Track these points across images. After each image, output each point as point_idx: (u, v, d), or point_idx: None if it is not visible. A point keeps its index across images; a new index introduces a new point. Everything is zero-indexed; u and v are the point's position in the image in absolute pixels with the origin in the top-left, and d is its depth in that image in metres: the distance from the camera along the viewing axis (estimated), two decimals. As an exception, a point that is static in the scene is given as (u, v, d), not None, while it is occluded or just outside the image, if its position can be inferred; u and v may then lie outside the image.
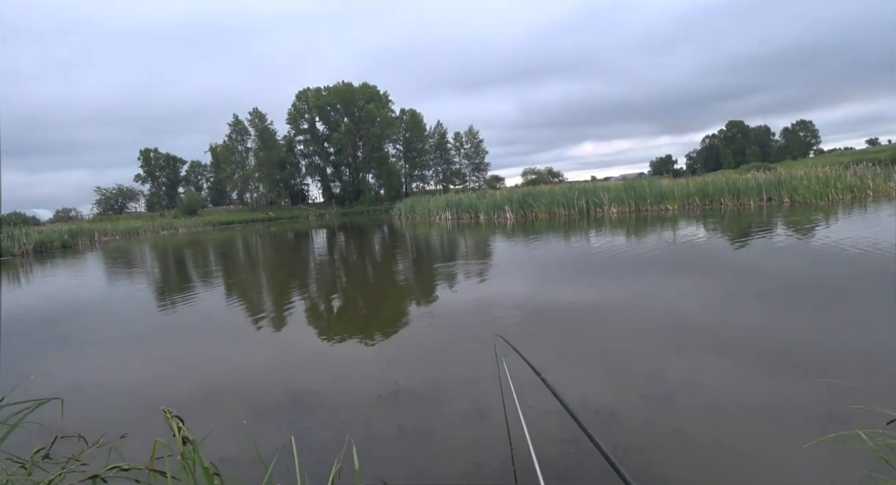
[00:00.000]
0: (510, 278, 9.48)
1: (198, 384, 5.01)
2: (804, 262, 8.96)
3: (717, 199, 24.14)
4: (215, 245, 26.73)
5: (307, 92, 72.81)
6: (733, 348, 4.85)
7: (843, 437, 1.99)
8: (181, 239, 35.27)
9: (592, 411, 3.70)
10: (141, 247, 29.30)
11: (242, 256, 19.76)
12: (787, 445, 3.02)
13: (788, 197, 22.82)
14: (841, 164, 30.44)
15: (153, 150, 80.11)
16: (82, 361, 6.22)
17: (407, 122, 78.06)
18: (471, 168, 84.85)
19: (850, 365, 4.22)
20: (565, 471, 2.98)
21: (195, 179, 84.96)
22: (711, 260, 9.99)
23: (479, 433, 3.49)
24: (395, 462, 3.23)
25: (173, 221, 52.79)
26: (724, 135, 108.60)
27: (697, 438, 3.24)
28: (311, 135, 74.84)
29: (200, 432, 2.87)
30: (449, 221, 30.42)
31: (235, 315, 8.17)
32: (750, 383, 4.02)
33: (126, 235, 42.76)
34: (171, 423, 1.79)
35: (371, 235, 26.04)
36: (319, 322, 7.33)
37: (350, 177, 76.77)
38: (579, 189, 28.06)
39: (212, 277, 13.65)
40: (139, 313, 9.05)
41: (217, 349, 6.34)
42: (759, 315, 5.90)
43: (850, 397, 3.28)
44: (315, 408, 4.13)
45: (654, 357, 4.76)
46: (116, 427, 3.12)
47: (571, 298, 7.40)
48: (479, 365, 4.64)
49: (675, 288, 7.69)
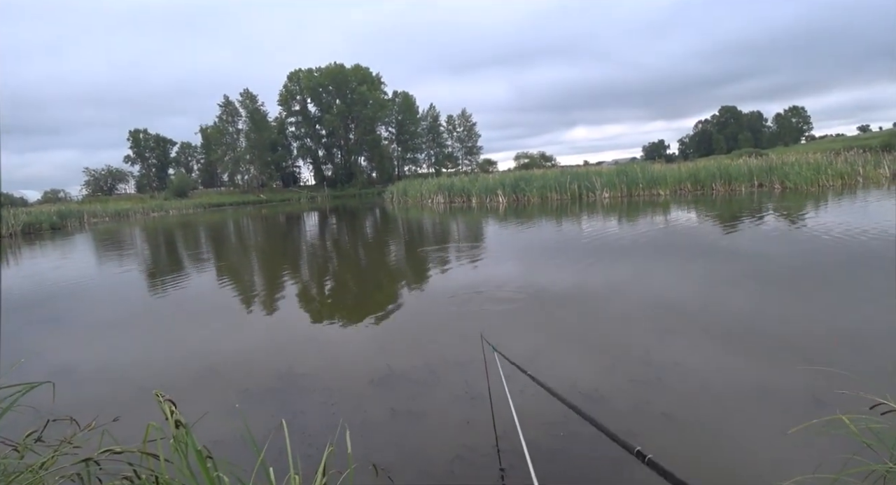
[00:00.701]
0: (501, 263, 9.51)
1: (190, 367, 5.01)
2: (792, 248, 9.03)
3: (709, 184, 24.22)
4: (206, 227, 26.59)
5: (299, 73, 71.97)
6: (722, 333, 4.91)
7: (828, 422, 2.03)
8: (172, 221, 35.04)
9: (582, 394, 3.74)
10: (131, 229, 29.10)
11: (234, 239, 19.68)
12: (773, 429, 3.07)
13: (779, 183, 22.93)
14: (832, 150, 30.59)
15: (143, 130, 79.14)
16: (74, 344, 6.21)
17: (399, 104, 77.40)
18: (463, 151, 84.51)
19: (836, 350, 4.28)
20: (554, 453, 3.02)
21: (185, 161, 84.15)
22: (701, 246, 10.05)
23: (469, 416, 3.53)
24: (387, 444, 3.26)
25: (163, 203, 52.41)
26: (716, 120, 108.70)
27: (686, 422, 3.29)
28: (303, 116, 74.13)
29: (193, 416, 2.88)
30: (441, 204, 30.38)
31: (228, 299, 8.16)
32: (738, 367, 4.07)
33: (116, 217, 42.42)
34: (163, 406, 1.79)
35: (363, 218, 25.98)
36: (312, 306, 7.33)
37: (342, 159, 76.31)
38: (572, 174, 28.04)
39: (203, 260, 13.60)
40: (131, 296, 9.02)
41: (209, 332, 6.33)
42: (748, 300, 5.96)
43: (835, 382, 3.34)
44: (308, 391, 4.15)
45: (643, 341, 4.80)
46: (109, 410, 3.12)
47: (562, 282, 7.44)
48: (470, 350, 4.66)
49: (665, 273, 7.74)
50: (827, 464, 2.11)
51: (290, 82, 72.65)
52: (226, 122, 70.80)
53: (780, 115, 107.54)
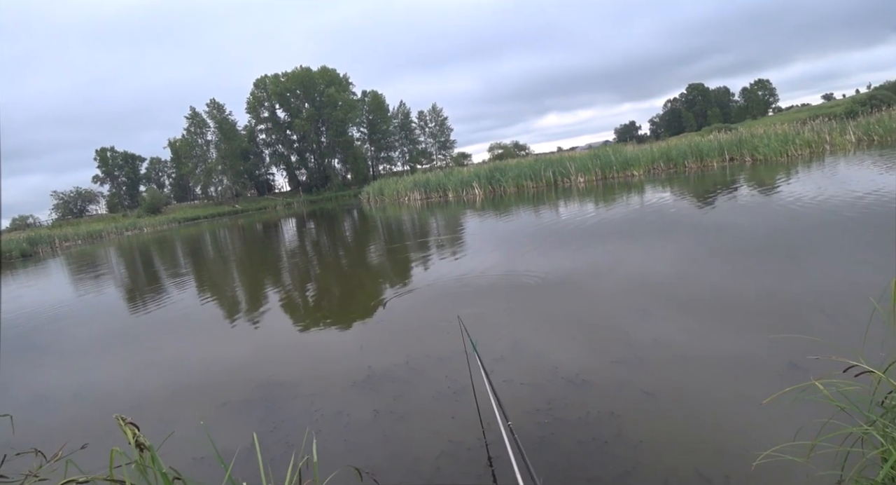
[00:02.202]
0: (479, 255, 9.49)
1: (167, 386, 4.91)
2: (764, 219, 9.15)
3: (681, 162, 24.43)
4: (182, 242, 26.21)
5: (265, 79, 71.01)
6: (699, 308, 4.95)
7: (802, 388, 2.03)
8: (147, 238, 34.49)
9: (565, 378, 3.74)
10: (105, 250, 28.57)
11: (210, 252, 19.42)
12: (752, 399, 3.08)
13: (750, 156, 23.21)
14: (799, 120, 31.11)
15: (110, 148, 77.49)
16: (40, 372, 6.06)
17: (369, 104, 76.81)
18: (437, 147, 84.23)
19: (809, 316, 4.33)
20: (540, 440, 3.00)
21: (156, 177, 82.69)
22: (675, 223, 10.14)
23: (454, 412, 3.50)
24: (372, 447, 3.23)
25: (137, 221, 51.47)
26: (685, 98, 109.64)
27: (667, 398, 3.30)
28: (273, 123, 73.20)
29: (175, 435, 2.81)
30: (418, 201, 30.30)
31: (205, 313, 8.03)
32: (715, 340, 4.10)
33: (89, 239, 41.57)
34: (125, 430, 1.73)
35: (340, 220, 25.81)
36: (290, 313, 7.25)
37: (315, 163, 75.60)
38: (546, 161, 28.13)
39: (180, 275, 13.39)
40: (106, 318, 8.84)
41: (187, 349, 6.23)
42: (722, 274, 6.02)
43: (809, 348, 3.37)
44: (289, 400, 4.09)
45: (622, 321, 4.82)
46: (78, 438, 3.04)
47: (540, 269, 7.44)
48: (451, 345, 4.63)
49: (642, 253, 7.78)
50: (805, 430, 2.12)
51: (257, 89, 71.68)
52: (194, 134, 69.61)
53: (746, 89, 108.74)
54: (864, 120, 25.97)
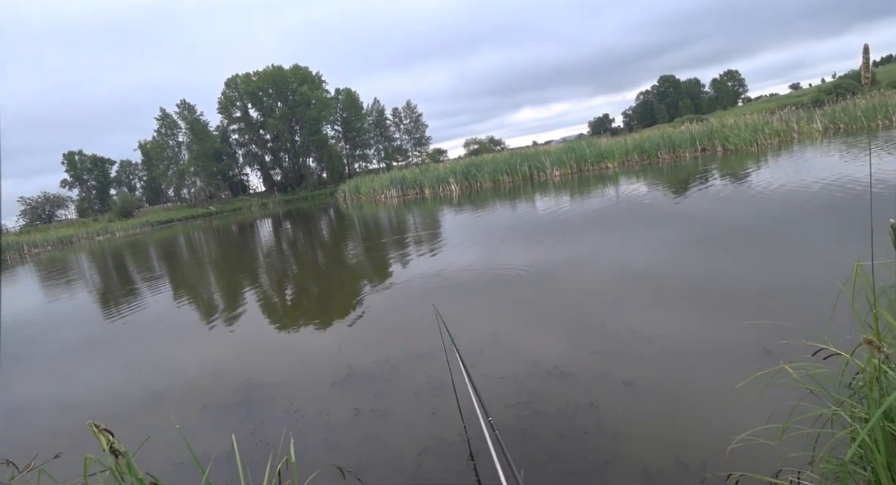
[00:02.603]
0: (456, 250, 9.50)
1: (144, 391, 4.83)
2: (733, 209, 9.32)
3: (655, 153, 24.75)
4: (156, 246, 25.78)
5: (236, 78, 69.96)
6: (673, 298, 5.02)
7: (773, 373, 2.07)
8: (119, 243, 33.83)
9: (544, 371, 3.77)
10: (76, 255, 27.95)
11: (185, 254, 19.14)
12: (726, 386, 3.14)
13: (721, 146, 23.58)
14: (767, 110, 31.71)
15: (78, 152, 75.75)
16: (11, 381, 5.92)
17: (343, 101, 76.21)
18: (412, 143, 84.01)
19: (778, 302, 4.43)
20: (521, 433, 3.02)
21: (127, 180, 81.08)
22: (647, 215, 10.26)
23: (434, 408, 3.51)
24: (353, 445, 3.22)
25: (108, 225, 50.43)
26: (656, 90, 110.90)
27: (645, 387, 3.34)
28: (245, 123, 72.20)
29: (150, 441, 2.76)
30: (395, 198, 30.21)
31: (184, 318, 7.92)
32: (690, 329, 4.17)
33: (59, 245, 40.61)
34: (99, 437, 1.70)
35: (317, 220, 25.62)
36: (267, 315, 7.18)
37: (290, 163, 74.85)
38: (521, 155, 28.27)
39: (154, 279, 13.16)
40: (78, 324, 8.66)
41: (167, 355, 6.14)
42: (694, 264, 6.12)
43: (779, 333, 3.44)
44: (269, 401, 4.06)
45: (600, 313, 4.88)
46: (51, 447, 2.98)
47: (517, 264, 7.47)
48: (430, 341, 4.62)
49: (616, 245, 7.87)
50: (777, 413, 2.16)
51: (229, 89, 70.62)
52: (165, 135, 68.36)
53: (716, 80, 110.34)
54: (830, 108, 26.54)
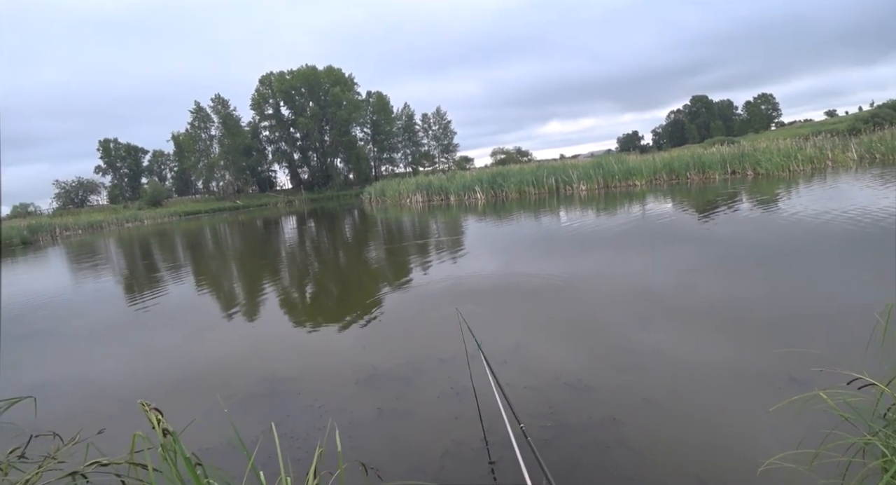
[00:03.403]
0: (481, 258, 9.54)
1: (174, 376, 4.96)
2: (765, 232, 9.21)
3: (683, 173, 24.51)
4: (183, 236, 26.23)
5: (270, 76, 71.06)
6: (700, 318, 4.99)
7: (806, 398, 2.08)
8: (147, 231, 34.49)
9: (567, 384, 3.78)
10: (106, 240, 28.57)
11: (211, 247, 19.45)
12: (753, 409, 3.13)
13: (752, 170, 23.28)
14: (801, 136, 31.19)
15: (113, 140, 77.54)
16: (55, 358, 6.09)
17: (373, 104, 76.89)
18: (440, 150, 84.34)
19: (811, 329, 4.38)
20: (543, 443, 3.05)
21: (158, 170, 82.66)
22: (677, 233, 10.19)
23: (457, 411, 3.54)
24: (376, 444, 3.27)
25: (138, 213, 51.45)
26: (688, 110, 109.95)
27: (668, 406, 3.34)
28: (277, 120, 73.24)
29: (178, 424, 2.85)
30: (420, 203, 30.34)
31: (208, 307, 8.08)
32: (717, 350, 4.15)
33: (89, 229, 41.57)
34: (149, 416, 1.78)
35: (342, 220, 25.85)
36: (293, 310, 7.29)
37: (318, 162, 75.61)
38: (548, 168, 28.21)
39: (181, 269, 13.41)
40: (110, 308, 8.87)
41: (192, 341, 6.27)
42: (724, 285, 6.06)
43: (811, 361, 3.41)
44: (293, 395, 4.14)
45: (623, 329, 4.87)
46: (93, 423, 3.08)
47: (542, 274, 7.49)
48: (453, 346, 4.66)
49: (643, 261, 7.83)
50: (808, 440, 2.17)
51: (263, 86, 71.71)
52: (198, 128, 69.58)
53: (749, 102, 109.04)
54: (867, 137, 26.08)
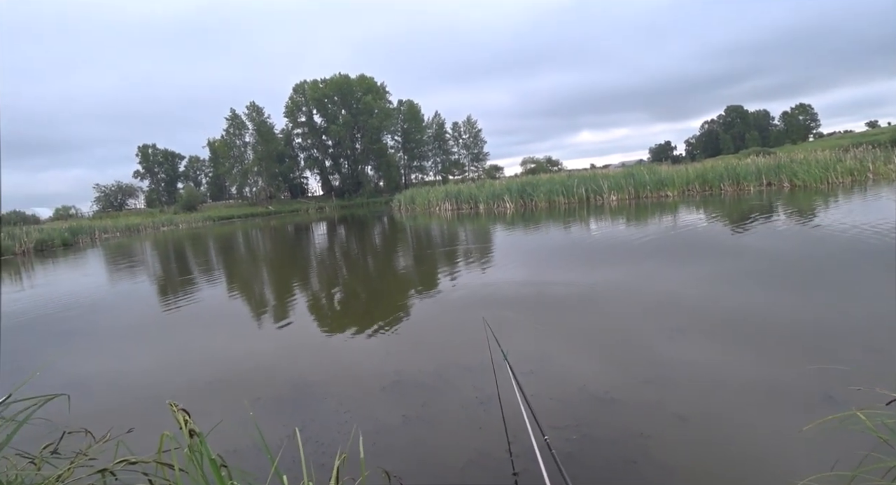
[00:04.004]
0: (509, 267, 9.49)
1: (202, 377, 5.04)
2: (802, 245, 8.97)
3: (717, 184, 24.07)
4: (216, 240, 26.75)
5: (304, 85, 72.40)
6: (733, 332, 4.88)
7: (842, 418, 2.01)
8: (182, 234, 35.27)
9: (593, 396, 3.73)
10: (142, 243, 29.31)
11: (244, 251, 19.79)
12: (786, 427, 3.04)
13: (789, 181, 22.77)
14: (840, 147, 30.38)
15: (151, 146, 79.96)
16: (88, 357, 6.26)
17: (405, 113, 77.70)
18: (469, 158, 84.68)
19: (848, 347, 4.24)
20: (568, 456, 3.01)
21: (194, 175, 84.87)
22: (710, 245, 10.00)
23: (481, 421, 3.53)
24: (400, 451, 3.27)
25: (173, 217, 52.77)
26: (723, 120, 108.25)
27: (698, 422, 3.27)
28: (309, 128, 74.54)
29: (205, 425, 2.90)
30: (449, 211, 30.40)
31: (238, 309, 8.20)
32: (749, 365, 4.04)
33: (126, 232, 42.77)
34: (177, 416, 1.81)
35: (371, 227, 26.05)
36: (321, 315, 7.35)
37: (349, 169, 76.59)
38: (579, 177, 28.04)
39: (214, 272, 13.68)
40: (143, 308, 9.08)
41: (220, 343, 6.37)
42: (758, 298, 5.92)
43: (848, 379, 3.31)
44: (319, 400, 4.17)
45: (653, 341, 4.79)
46: (123, 421, 3.15)
47: (570, 284, 7.42)
48: (478, 354, 4.65)
49: (675, 273, 7.70)
50: (843, 461, 2.10)
51: (296, 94, 73.08)
52: (233, 135, 71.23)
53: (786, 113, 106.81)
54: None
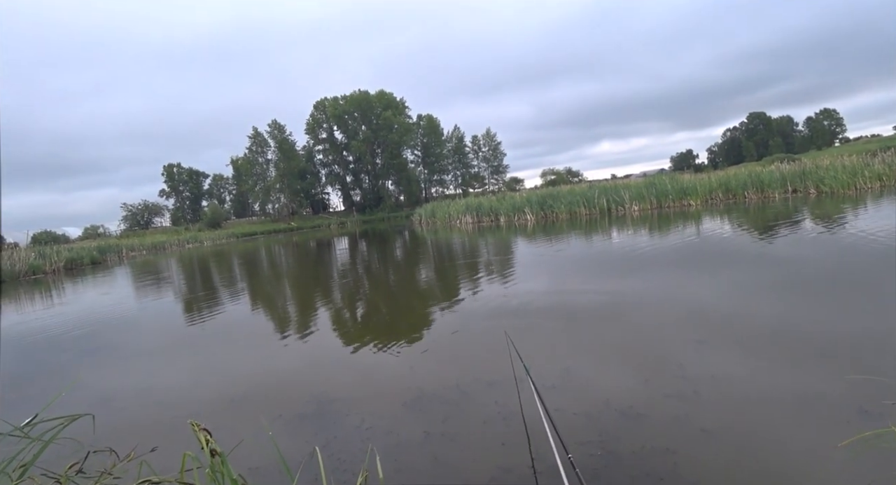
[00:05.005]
0: (531, 279, 9.44)
1: (225, 395, 5.08)
2: (832, 254, 8.77)
3: (741, 192, 23.74)
4: (240, 257, 27.09)
5: (324, 102, 73.41)
6: (761, 343, 4.77)
7: (879, 434, 1.95)
8: (206, 251, 35.80)
9: (618, 411, 3.67)
10: (168, 261, 29.81)
11: (267, 267, 19.99)
12: (818, 443, 2.96)
13: (815, 188, 22.34)
14: (868, 151, 29.74)
15: (176, 165, 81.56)
16: (114, 376, 6.35)
17: (424, 127, 78.26)
18: (489, 171, 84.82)
19: (882, 360, 4.12)
20: (593, 473, 2.96)
21: (218, 193, 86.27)
22: (735, 254, 9.83)
23: (504, 437, 3.49)
24: (422, 467, 3.25)
25: (198, 235, 53.62)
26: (745, 127, 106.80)
27: (725, 437, 3.20)
28: (330, 144, 75.47)
29: (229, 443, 2.91)
30: (470, 224, 30.40)
31: (261, 326, 8.27)
32: (778, 379, 3.95)
33: (153, 250, 43.59)
34: (199, 436, 1.82)
35: (393, 241, 26.16)
36: (343, 330, 7.38)
37: (370, 184, 77.25)
38: (599, 188, 27.88)
39: (238, 289, 13.83)
40: (167, 326, 9.21)
41: (243, 360, 6.42)
42: (787, 309, 5.79)
43: (883, 392, 3.21)
44: (341, 416, 4.17)
45: (678, 354, 4.71)
46: (147, 441, 3.18)
47: (593, 296, 7.35)
48: (500, 369, 4.61)
49: (700, 283, 7.58)
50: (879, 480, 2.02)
51: (317, 111, 74.11)
52: (255, 153, 72.43)
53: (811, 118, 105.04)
54: (942, 153, 24.65)
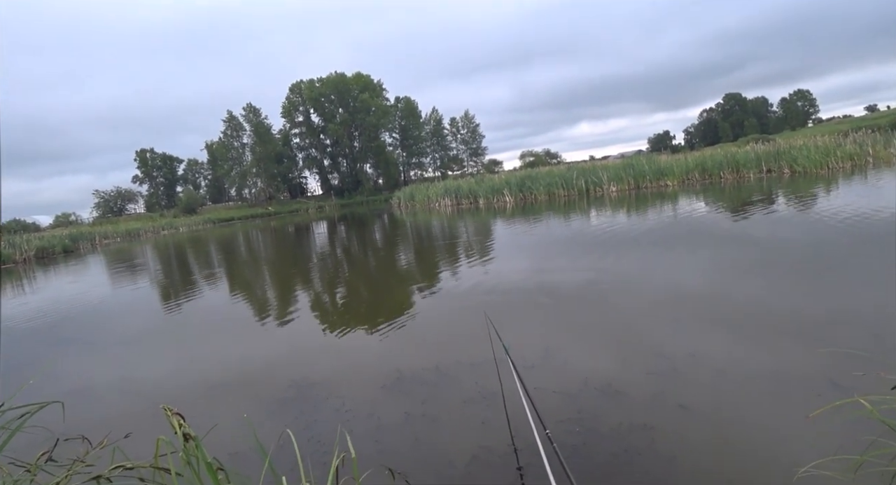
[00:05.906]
0: (509, 261, 9.47)
1: (204, 380, 5.03)
2: (802, 232, 8.93)
3: (717, 173, 24.02)
4: (217, 242, 26.75)
5: (300, 84, 72.20)
6: (735, 320, 4.85)
7: (847, 404, 1.98)
8: (182, 238, 35.27)
9: (597, 389, 3.71)
10: (142, 247, 29.32)
11: (243, 253, 19.77)
12: (790, 415, 3.02)
13: (788, 168, 22.68)
14: (840, 132, 30.24)
15: (149, 150, 79.71)
16: (85, 363, 6.25)
17: (402, 110, 77.56)
18: (468, 153, 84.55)
19: (851, 333, 4.21)
20: (572, 449, 2.98)
21: (193, 178, 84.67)
22: (710, 234, 9.96)
23: (484, 416, 3.50)
24: (403, 448, 3.25)
25: (173, 221, 52.73)
26: (721, 108, 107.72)
27: (702, 412, 3.24)
28: (307, 127, 74.40)
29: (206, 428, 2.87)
30: (449, 207, 30.35)
31: (239, 312, 8.18)
32: (753, 354, 4.01)
33: (127, 237, 42.76)
34: (171, 420, 1.78)
35: (371, 225, 26.02)
36: (323, 314, 7.33)
37: (348, 168, 76.49)
38: (578, 169, 27.96)
39: (214, 274, 13.66)
40: (143, 313, 9.07)
41: (221, 346, 6.35)
42: (760, 286, 5.89)
43: (851, 365, 3.28)
44: (321, 400, 4.15)
45: (656, 332, 4.76)
46: (121, 428, 3.12)
47: (571, 277, 7.39)
48: (480, 350, 4.62)
49: (677, 263, 7.67)
50: (847, 447, 2.07)
51: (293, 94, 72.90)
52: (230, 137, 71.15)
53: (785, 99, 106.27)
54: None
